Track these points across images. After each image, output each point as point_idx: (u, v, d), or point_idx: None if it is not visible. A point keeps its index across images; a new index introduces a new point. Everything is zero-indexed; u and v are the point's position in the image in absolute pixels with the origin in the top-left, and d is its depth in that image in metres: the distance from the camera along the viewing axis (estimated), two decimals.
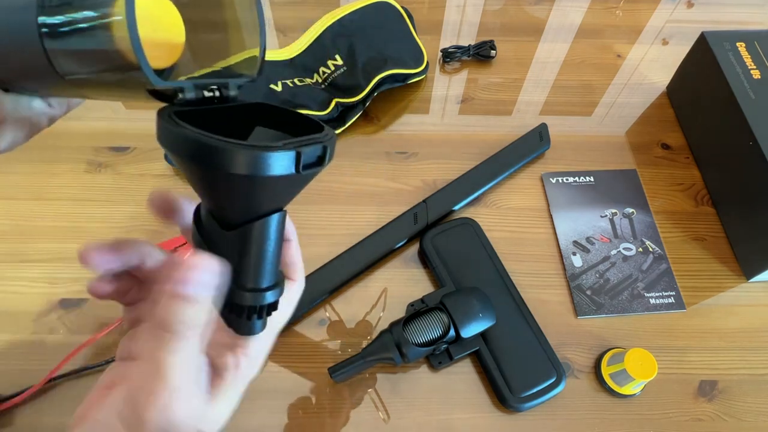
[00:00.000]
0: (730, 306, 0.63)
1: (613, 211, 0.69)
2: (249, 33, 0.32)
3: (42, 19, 0.26)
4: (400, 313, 0.60)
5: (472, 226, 0.66)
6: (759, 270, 0.63)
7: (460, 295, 0.58)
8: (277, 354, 0.59)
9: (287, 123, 0.33)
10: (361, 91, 0.73)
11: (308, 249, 0.66)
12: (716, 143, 0.70)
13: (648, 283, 0.64)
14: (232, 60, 0.33)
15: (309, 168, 0.27)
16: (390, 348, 0.55)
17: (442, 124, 0.78)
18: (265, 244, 0.29)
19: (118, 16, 0.24)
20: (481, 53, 0.83)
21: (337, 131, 0.74)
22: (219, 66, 0.33)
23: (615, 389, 0.57)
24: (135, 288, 0.34)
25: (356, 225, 0.68)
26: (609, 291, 0.63)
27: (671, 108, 0.80)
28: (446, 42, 0.87)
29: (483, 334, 0.57)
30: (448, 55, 0.83)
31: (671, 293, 0.63)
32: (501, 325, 0.58)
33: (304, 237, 0.68)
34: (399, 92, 0.80)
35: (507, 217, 0.69)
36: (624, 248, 0.66)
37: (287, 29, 0.87)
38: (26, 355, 0.58)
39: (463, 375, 0.58)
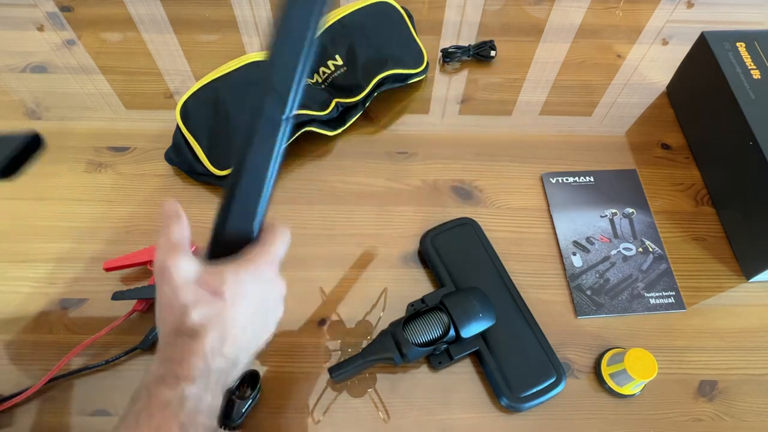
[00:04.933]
0: (730, 306, 0.63)
1: (613, 211, 0.69)
2: None
3: None
4: (400, 313, 0.60)
5: (472, 226, 0.66)
6: (759, 270, 0.63)
7: (460, 295, 0.58)
8: (277, 354, 0.59)
9: None
10: (362, 91, 0.73)
11: (309, 249, 0.66)
12: (716, 143, 0.70)
13: (648, 283, 0.64)
14: None
15: None
16: (390, 348, 0.55)
17: (442, 124, 0.78)
18: None
19: None
20: (481, 53, 0.83)
21: (337, 131, 0.74)
22: None
23: (615, 389, 0.57)
24: None
25: (357, 225, 0.68)
26: (609, 291, 0.63)
27: (671, 108, 0.80)
28: (446, 42, 0.87)
29: (483, 334, 0.57)
30: (448, 55, 0.83)
31: (671, 293, 0.63)
32: (501, 325, 0.58)
33: (305, 237, 0.68)
34: (399, 92, 0.80)
35: (507, 217, 0.69)
36: (624, 248, 0.66)
37: None
38: (26, 355, 0.58)
39: (463, 375, 0.58)
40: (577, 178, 0.72)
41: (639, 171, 0.73)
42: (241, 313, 0.38)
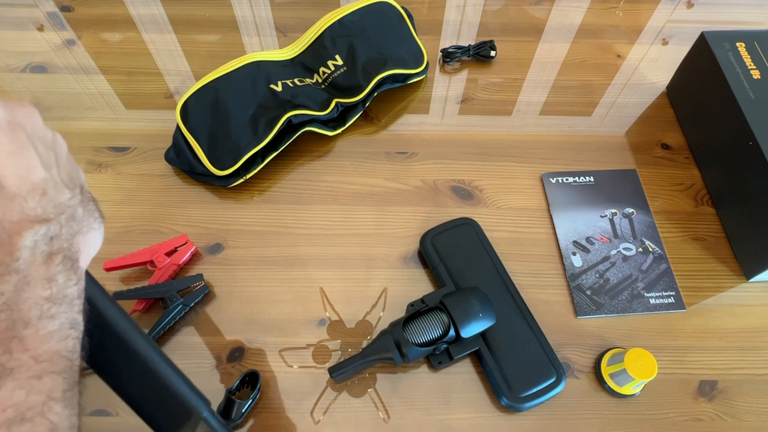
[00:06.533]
0: (730, 306, 0.63)
1: (613, 211, 0.69)
2: None
3: None
4: (400, 313, 0.60)
5: (472, 226, 0.66)
6: (759, 270, 0.63)
7: (460, 295, 0.58)
8: (277, 354, 0.59)
9: None
10: (361, 91, 0.73)
11: (309, 249, 0.66)
12: (716, 143, 0.70)
13: (648, 283, 0.64)
14: None
15: None
16: (390, 348, 0.55)
17: (442, 124, 0.78)
18: None
19: None
20: (481, 53, 0.83)
21: (337, 131, 0.74)
22: None
23: (615, 389, 0.57)
24: None
25: (356, 225, 0.68)
26: (609, 291, 0.63)
27: (671, 108, 0.80)
28: (446, 42, 0.87)
29: (483, 334, 0.57)
30: (448, 55, 0.83)
31: (671, 293, 0.63)
32: (501, 325, 0.58)
33: (305, 237, 0.68)
34: (399, 92, 0.80)
35: (507, 217, 0.69)
36: (624, 248, 0.66)
37: (287, 29, 0.88)
38: None
39: (463, 375, 0.58)
40: (577, 178, 0.72)
41: (639, 171, 0.73)
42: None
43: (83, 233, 0.36)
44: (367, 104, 0.76)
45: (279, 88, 0.71)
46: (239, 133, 0.67)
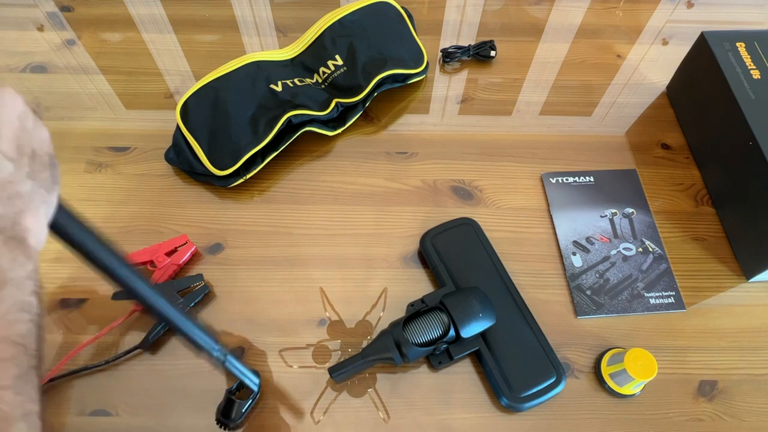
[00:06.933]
0: (730, 306, 0.63)
1: (613, 211, 0.69)
2: None
3: None
4: (400, 313, 0.60)
5: (472, 226, 0.66)
6: (759, 270, 0.63)
7: (460, 295, 0.58)
8: (277, 354, 0.59)
9: None
10: (361, 91, 0.73)
11: (309, 249, 0.66)
12: (716, 143, 0.70)
13: (648, 283, 0.64)
14: None
15: None
16: (390, 348, 0.55)
17: (442, 124, 0.78)
18: None
19: None
20: (481, 53, 0.83)
21: (337, 131, 0.74)
22: None
23: (615, 389, 0.57)
24: None
25: (356, 225, 0.68)
26: (609, 291, 0.63)
27: (671, 108, 0.80)
28: (446, 42, 0.87)
29: (483, 334, 0.57)
30: (448, 55, 0.83)
31: (671, 293, 0.63)
32: (501, 325, 0.58)
33: (305, 237, 0.68)
34: (399, 92, 0.80)
35: (507, 217, 0.69)
36: (624, 248, 0.66)
37: (287, 29, 0.88)
38: None
39: (463, 375, 0.58)
40: (577, 178, 0.72)
41: (639, 171, 0.73)
42: None
43: (32, 209, 0.33)
44: (367, 104, 0.76)
45: (279, 88, 0.71)
46: (239, 133, 0.67)
